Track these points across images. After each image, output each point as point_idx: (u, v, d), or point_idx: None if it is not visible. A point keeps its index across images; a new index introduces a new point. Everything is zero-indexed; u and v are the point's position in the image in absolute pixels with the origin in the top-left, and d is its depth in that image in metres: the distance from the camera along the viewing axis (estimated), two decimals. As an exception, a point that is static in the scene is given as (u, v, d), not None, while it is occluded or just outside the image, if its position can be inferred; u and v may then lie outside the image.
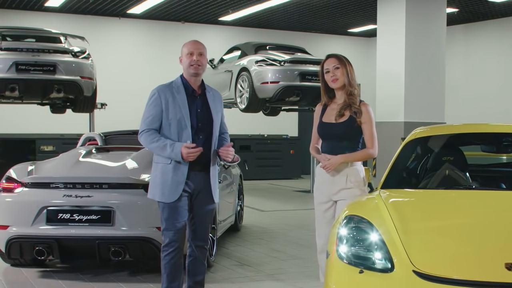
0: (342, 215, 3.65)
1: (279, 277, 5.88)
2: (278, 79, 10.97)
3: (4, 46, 9.37)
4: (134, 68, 16.05)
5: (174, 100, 4.36)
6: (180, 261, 4.41)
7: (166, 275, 4.37)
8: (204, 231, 4.55)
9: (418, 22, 11.35)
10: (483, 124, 5.40)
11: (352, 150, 4.35)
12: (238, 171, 8.51)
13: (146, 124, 4.39)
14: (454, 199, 3.93)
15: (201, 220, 4.51)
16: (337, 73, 4.36)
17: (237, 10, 15.18)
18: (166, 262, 4.37)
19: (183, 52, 4.45)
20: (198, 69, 4.40)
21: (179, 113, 4.35)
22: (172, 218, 4.35)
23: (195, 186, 4.42)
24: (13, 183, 5.66)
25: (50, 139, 14.23)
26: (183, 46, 4.49)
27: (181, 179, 4.33)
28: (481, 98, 16.09)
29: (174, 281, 4.38)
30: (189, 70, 4.41)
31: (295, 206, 11.28)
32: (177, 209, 4.36)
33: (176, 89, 4.42)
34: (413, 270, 3.08)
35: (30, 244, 5.50)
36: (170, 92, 4.39)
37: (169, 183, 4.32)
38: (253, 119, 15.25)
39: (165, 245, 4.39)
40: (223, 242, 7.44)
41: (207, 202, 4.52)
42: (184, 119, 4.35)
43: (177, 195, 4.32)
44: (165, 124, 4.37)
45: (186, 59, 4.40)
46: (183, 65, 4.45)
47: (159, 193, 4.37)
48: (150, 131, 4.36)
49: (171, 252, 4.36)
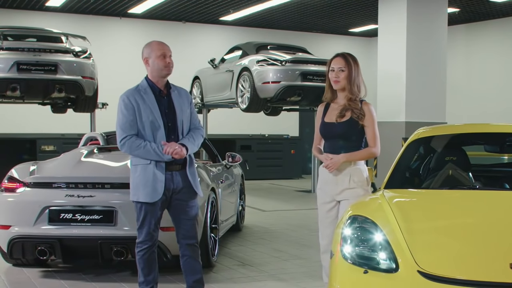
0: (346, 215, 3.64)
1: (281, 277, 5.87)
2: (279, 79, 10.97)
3: (6, 45, 9.38)
4: (134, 68, 15.92)
5: (144, 103, 4.46)
6: (154, 256, 4.60)
7: (141, 269, 4.58)
8: (190, 229, 4.63)
9: (419, 22, 11.34)
10: (486, 124, 5.39)
11: (355, 150, 4.34)
12: (240, 171, 8.51)
13: (124, 131, 4.45)
14: (458, 199, 3.92)
15: (185, 218, 4.61)
16: (340, 76, 4.34)
17: (238, 10, 15.17)
18: (139, 258, 4.58)
19: (151, 54, 4.49)
20: (171, 70, 4.53)
21: (150, 114, 4.44)
22: (149, 217, 4.50)
23: (173, 186, 4.52)
24: (15, 183, 5.65)
25: (50, 139, 14.23)
26: (147, 46, 4.54)
27: (161, 178, 4.45)
28: (482, 98, 16.09)
29: (149, 274, 4.58)
30: (162, 71, 4.49)
31: (296, 206, 11.27)
32: (154, 210, 4.50)
33: (144, 91, 4.51)
34: (418, 270, 3.07)
35: (32, 244, 5.49)
36: (139, 95, 4.48)
37: (150, 182, 4.43)
38: (254, 119, 15.24)
39: (139, 242, 4.58)
40: (225, 242, 7.44)
41: (189, 200, 4.60)
42: (156, 120, 4.45)
43: (160, 194, 4.44)
44: (140, 126, 4.46)
45: (158, 61, 4.47)
46: (153, 67, 4.50)
47: (143, 194, 4.46)
48: (131, 138, 4.43)
49: (144, 249, 4.55)
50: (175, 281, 5.50)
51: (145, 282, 4.60)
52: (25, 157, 12.85)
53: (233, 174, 7.87)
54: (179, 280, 5.48)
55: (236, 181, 8.07)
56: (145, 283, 4.59)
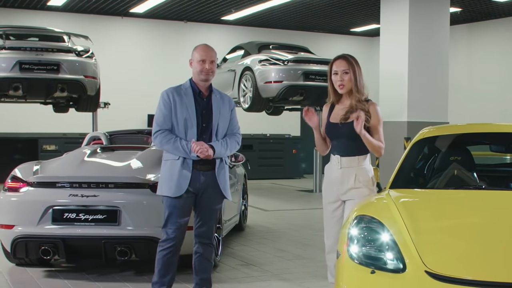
0: (352, 215, 3.63)
1: (285, 277, 5.87)
2: (282, 78, 10.96)
3: (8, 45, 9.37)
4: (136, 67, 16.03)
5: (181, 101, 4.57)
6: (174, 259, 4.59)
7: (158, 269, 4.57)
8: (209, 229, 4.70)
9: (421, 22, 11.33)
10: (491, 124, 5.38)
11: (361, 149, 4.32)
12: (243, 170, 8.49)
13: (159, 125, 4.59)
14: (464, 199, 3.92)
15: (206, 219, 4.67)
16: (345, 79, 4.31)
17: (240, 10, 15.17)
18: (160, 257, 4.56)
19: (194, 57, 4.62)
20: (209, 76, 4.62)
21: (185, 112, 4.55)
22: (174, 216, 4.53)
23: (200, 186, 4.57)
24: (18, 183, 5.64)
25: (52, 138, 14.23)
26: (194, 50, 4.64)
27: (187, 174, 4.50)
28: (484, 98, 16.08)
29: (165, 276, 4.58)
30: (200, 75, 4.60)
31: (298, 205, 11.26)
32: (180, 208, 4.54)
33: (184, 91, 4.64)
34: (425, 270, 3.06)
35: (35, 243, 5.48)
36: (178, 94, 4.60)
37: (175, 178, 4.50)
38: (256, 119, 15.22)
39: (162, 241, 4.59)
40: (228, 241, 7.43)
41: (214, 201, 4.67)
42: (190, 119, 4.54)
43: (183, 190, 4.48)
44: (174, 123, 4.57)
45: (198, 65, 4.59)
46: (193, 69, 4.64)
47: (166, 188, 4.54)
48: (164, 132, 4.55)
49: (166, 249, 4.55)
50: (181, 281, 5.47)
51: (158, 283, 4.57)
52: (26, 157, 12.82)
53: (236, 174, 7.85)
54: (185, 280, 5.46)
55: (239, 181, 8.06)
56: (159, 284, 4.56)
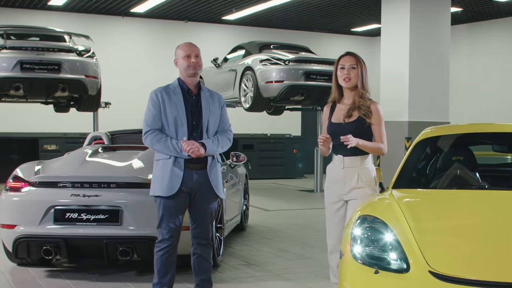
0: (355, 215, 3.63)
1: (287, 277, 5.86)
2: (283, 78, 10.95)
3: (9, 45, 9.37)
4: (137, 67, 16.03)
5: (170, 100, 4.58)
6: (172, 258, 4.59)
7: (157, 270, 4.58)
8: (206, 230, 4.68)
9: (422, 21, 11.32)
10: (493, 124, 5.37)
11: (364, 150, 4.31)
12: (244, 170, 8.49)
13: (148, 125, 4.58)
14: (466, 199, 3.91)
15: (202, 219, 4.65)
16: (352, 73, 4.34)
17: (241, 9, 15.15)
18: (157, 258, 4.57)
19: (178, 55, 4.65)
20: (197, 70, 4.62)
21: (175, 111, 4.56)
22: (168, 216, 4.53)
23: (193, 185, 4.56)
24: (20, 182, 5.64)
25: (53, 138, 14.23)
26: (177, 48, 4.70)
27: (179, 173, 4.49)
28: (485, 97, 16.07)
29: (165, 276, 4.58)
30: (188, 71, 4.60)
31: (299, 205, 11.25)
32: (173, 208, 4.53)
33: (173, 89, 4.65)
34: (429, 270, 3.06)
35: (37, 243, 5.48)
36: (167, 93, 4.61)
37: (167, 177, 4.50)
38: (256, 118, 15.22)
39: (158, 242, 4.59)
40: (230, 241, 7.42)
41: (208, 200, 4.65)
42: (180, 117, 4.55)
43: (175, 189, 4.48)
44: (164, 122, 4.57)
45: (183, 61, 4.61)
46: (180, 67, 4.65)
47: (158, 188, 4.53)
48: (154, 132, 4.54)
49: (163, 249, 4.55)
50: (182, 281, 5.48)
51: (159, 284, 4.57)
52: (27, 157, 12.81)
53: (237, 174, 7.85)
54: (186, 280, 5.46)
55: (241, 181, 8.06)
56: (159, 285, 4.57)
